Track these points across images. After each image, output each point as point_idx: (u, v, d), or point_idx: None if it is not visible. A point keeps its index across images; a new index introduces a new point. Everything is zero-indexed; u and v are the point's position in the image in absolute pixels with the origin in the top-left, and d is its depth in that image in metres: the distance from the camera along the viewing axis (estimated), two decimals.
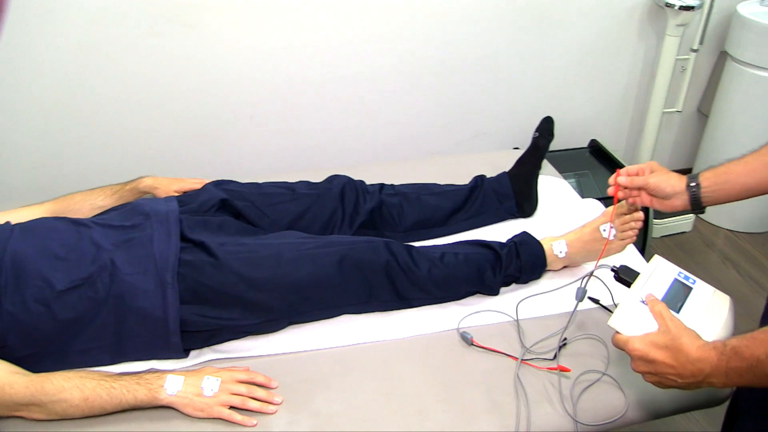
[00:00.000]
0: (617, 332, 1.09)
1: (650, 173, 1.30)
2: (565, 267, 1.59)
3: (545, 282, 1.57)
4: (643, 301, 1.09)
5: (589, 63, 2.66)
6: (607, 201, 1.62)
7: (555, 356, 1.34)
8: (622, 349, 1.05)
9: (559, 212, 1.84)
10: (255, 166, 2.42)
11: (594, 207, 1.88)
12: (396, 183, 1.78)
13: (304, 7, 2.17)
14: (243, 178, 1.73)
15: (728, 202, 1.24)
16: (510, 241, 1.57)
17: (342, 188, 1.66)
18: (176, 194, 1.63)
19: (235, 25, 2.14)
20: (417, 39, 2.36)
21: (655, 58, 2.70)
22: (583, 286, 1.34)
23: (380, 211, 1.67)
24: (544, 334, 1.41)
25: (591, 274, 1.33)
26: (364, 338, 1.40)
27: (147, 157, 2.30)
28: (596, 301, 1.41)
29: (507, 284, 1.54)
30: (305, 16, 2.19)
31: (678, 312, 1.08)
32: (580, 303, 1.33)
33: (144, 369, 1.29)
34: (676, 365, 0.97)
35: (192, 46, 2.13)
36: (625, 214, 1.48)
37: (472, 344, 1.37)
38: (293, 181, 1.70)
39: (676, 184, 1.26)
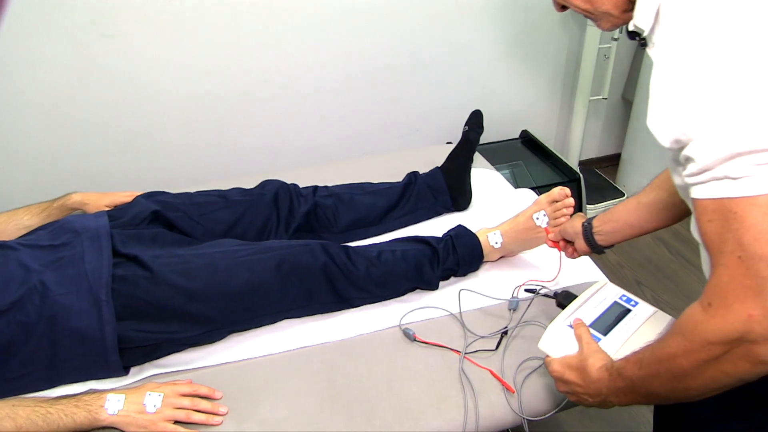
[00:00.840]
0: (546, 355, 1.13)
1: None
2: (502, 257, 1.62)
3: (484, 273, 1.60)
4: (570, 325, 1.12)
5: (515, 56, 2.71)
6: (542, 190, 1.66)
7: (497, 346, 1.36)
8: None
9: (494, 204, 1.87)
10: (186, 176, 2.39)
11: (528, 196, 1.92)
12: (330, 184, 1.78)
13: (228, 12, 2.15)
14: (175, 189, 1.71)
15: (620, 241, 1.32)
16: (446, 235, 1.59)
17: (275, 193, 1.65)
18: (107, 209, 1.60)
19: (157, 33, 2.10)
20: (345, 39, 2.36)
21: (578, 48, 2.78)
22: (516, 296, 1.44)
23: (315, 213, 1.67)
24: (485, 325, 1.43)
25: (522, 285, 1.45)
26: (306, 342, 1.40)
27: (74, 173, 2.24)
28: (533, 291, 1.44)
29: (446, 278, 1.56)
30: (230, 21, 2.17)
31: (606, 334, 1.11)
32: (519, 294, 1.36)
33: (83, 390, 1.26)
34: (583, 385, 1.00)
35: (113, 57, 2.09)
36: (557, 201, 1.52)
37: (415, 340, 1.39)
38: (226, 188, 1.69)
39: (577, 226, 1.36)
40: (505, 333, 1.39)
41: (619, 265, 2.60)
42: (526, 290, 1.46)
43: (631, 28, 0.89)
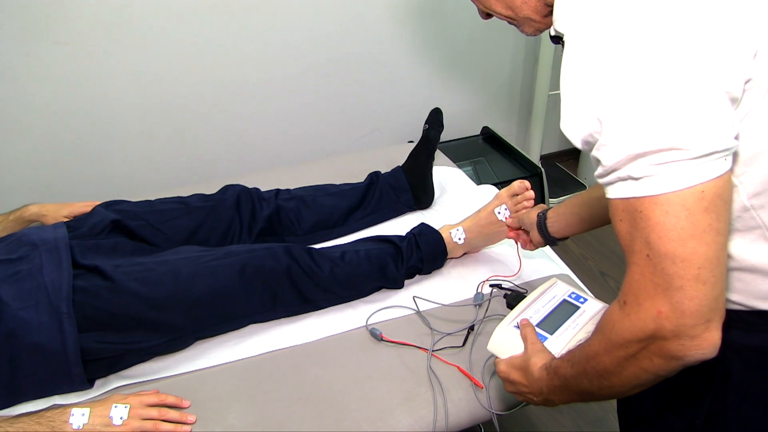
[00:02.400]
0: (495, 356, 1.14)
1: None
2: (466, 253, 1.64)
3: (448, 270, 1.61)
4: (517, 326, 1.13)
5: (473, 52, 2.74)
6: (504, 185, 1.68)
7: (464, 343, 1.38)
8: None
9: (457, 201, 1.89)
10: (146, 184, 2.37)
11: (491, 192, 1.94)
12: (292, 187, 1.78)
13: (182, 17, 2.14)
14: (134, 197, 1.69)
15: (573, 234, 1.36)
16: (409, 233, 1.60)
17: (237, 197, 1.65)
18: (65, 220, 1.58)
19: (110, 39, 2.08)
20: (300, 38, 2.36)
21: (536, 42, 2.81)
22: (480, 291, 1.46)
23: (278, 216, 1.67)
24: (452, 322, 1.44)
25: (486, 281, 1.48)
26: (273, 346, 1.39)
27: (29, 184, 2.20)
28: (498, 286, 1.46)
29: (411, 276, 1.57)
30: (183, 26, 2.16)
31: (552, 333, 1.11)
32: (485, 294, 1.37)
33: (46, 407, 1.24)
34: (527, 384, 1.01)
35: (65, 63, 2.06)
36: (518, 195, 1.54)
37: (382, 340, 1.39)
38: (186, 195, 1.68)
39: (533, 216, 1.40)
40: (472, 329, 1.41)
41: (582, 256, 2.64)
42: (491, 285, 1.48)
43: (552, 32, 0.90)
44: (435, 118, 1.89)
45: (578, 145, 0.79)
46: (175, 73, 2.22)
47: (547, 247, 1.54)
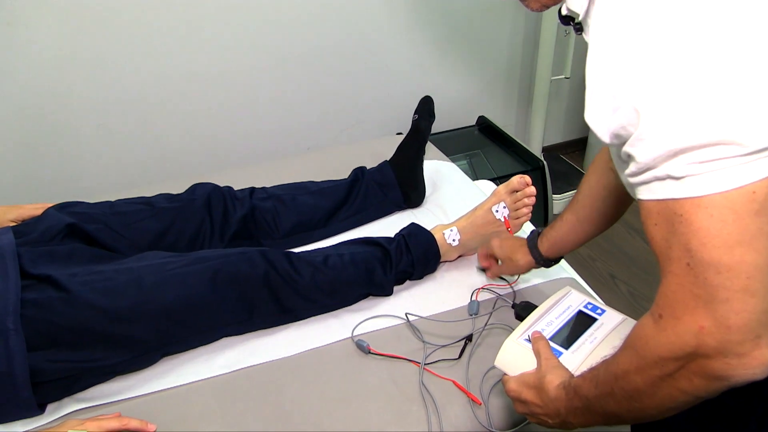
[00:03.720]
0: (504, 373, 1.13)
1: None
2: (461, 256, 1.64)
3: (442, 275, 1.61)
4: (528, 339, 1.13)
5: (468, 37, 2.74)
6: (503, 180, 1.68)
7: (460, 355, 1.38)
8: None
9: (450, 198, 1.89)
10: (105, 183, 2.35)
11: (488, 189, 1.94)
12: (268, 185, 1.78)
13: (142, 2, 2.13)
14: (92, 198, 1.68)
15: (571, 249, 1.40)
16: (398, 235, 1.60)
17: (207, 197, 1.64)
18: (12, 224, 1.56)
19: (65, 22, 2.06)
20: (280, 23, 2.36)
21: (536, 25, 2.82)
22: (475, 299, 1.45)
23: (253, 218, 1.67)
24: (447, 332, 1.44)
25: (482, 288, 1.49)
26: (249, 361, 1.39)
27: None
28: (495, 293, 1.47)
29: (401, 282, 1.57)
30: (148, 7, 2.14)
31: (568, 348, 1.11)
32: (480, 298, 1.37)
33: None
34: (542, 405, 1.01)
35: (8, 47, 2.03)
36: (517, 191, 1.54)
37: (370, 353, 1.39)
38: (151, 195, 1.67)
39: (512, 250, 1.45)
40: (469, 340, 1.41)
41: (590, 258, 2.65)
42: (488, 291, 1.48)
43: (563, 11, 0.87)
44: (425, 108, 1.89)
45: (605, 138, 0.78)
46: (137, 59, 2.21)
47: None
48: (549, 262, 1.41)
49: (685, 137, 0.68)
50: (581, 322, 1.17)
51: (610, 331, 1.13)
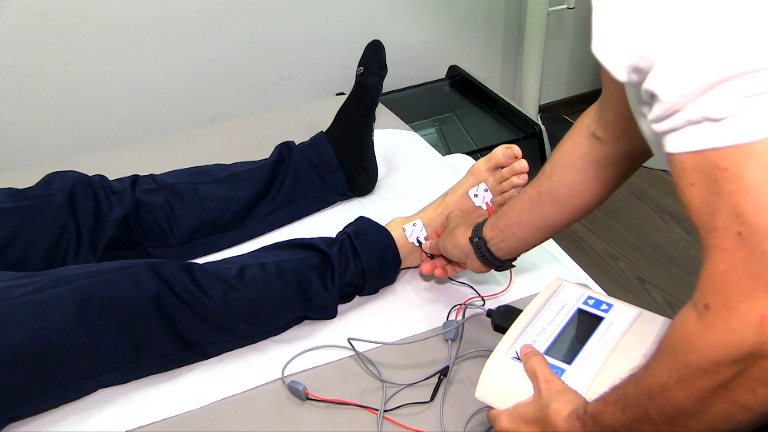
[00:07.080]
0: (488, 406, 1.14)
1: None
2: None
3: (403, 286, 1.62)
4: (516, 356, 1.13)
5: None
6: (483, 153, 1.68)
7: (433, 396, 1.37)
8: None
9: (413, 180, 1.91)
10: None
11: (463, 165, 1.94)
12: (158, 172, 1.77)
13: None
14: None
15: (528, 248, 1.40)
16: (342, 233, 1.60)
17: (70, 191, 1.63)
18: None
19: None
20: None
21: None
22: (455, 317, 1.46)
23: (138, 218, 1.66)
24: (414, 365, 1.44)
25: (463, 304, 1.49)
26: (138, 420, 1.37)
27: None
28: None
29: (348, 299, 1.58)
30: None
31: (571, 362, 1.12)
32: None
33: None
34: None
35: None
36: (503, 167, 1.54)
37: (308, 398, 1.38)
38: None
39: (462, 242, 1.42)
40: (444, 374, 1.40)
41: (610, 257, 2.66)
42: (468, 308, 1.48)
43: None
44: (374, 57, 1.89)
45: (621, 75, 0.78)
46: None
47: (551, 246, 1.55)
48: (507, 264, 1.42)
49: (727, 62, 0.69)
50: (583, 325, 1.18)
51: (623, 331, 1.14)
